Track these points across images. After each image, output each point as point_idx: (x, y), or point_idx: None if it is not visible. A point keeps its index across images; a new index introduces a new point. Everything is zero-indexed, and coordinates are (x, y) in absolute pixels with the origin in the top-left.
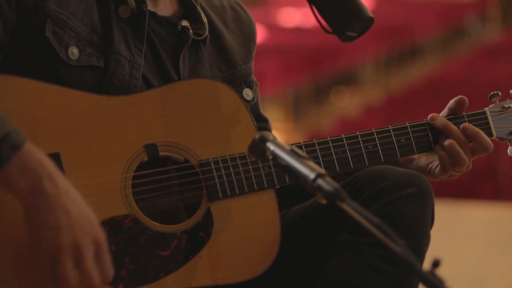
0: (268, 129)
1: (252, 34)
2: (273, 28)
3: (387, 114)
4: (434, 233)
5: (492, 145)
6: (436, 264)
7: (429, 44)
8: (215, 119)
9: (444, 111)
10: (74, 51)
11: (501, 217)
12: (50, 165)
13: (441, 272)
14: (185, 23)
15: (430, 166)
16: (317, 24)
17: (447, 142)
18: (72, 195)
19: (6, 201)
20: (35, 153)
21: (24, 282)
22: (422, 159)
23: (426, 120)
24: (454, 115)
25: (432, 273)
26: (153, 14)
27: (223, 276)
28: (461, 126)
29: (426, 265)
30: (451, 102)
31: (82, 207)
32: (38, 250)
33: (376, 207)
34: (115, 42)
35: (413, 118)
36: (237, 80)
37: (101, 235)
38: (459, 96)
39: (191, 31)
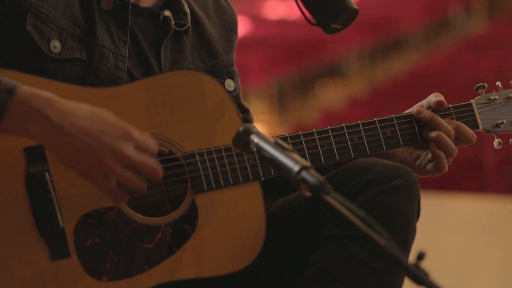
0: (250, 119)
1: (233, 24)
2: (257, 20)
3: (372, 107)
4: (419, 225)
5: (475, 136)
6: (420, 256)
7: (414, 37)
8: (200, 111)
9: (423, 104)
10: (56, 45)
11: (486, 209)
12: (48, 97)
13: (425, 264)
14: (167, 13)
15: (418, 162)
16: (302, 16)
17: (434, 133)
18: (81, 111)
19: None
20: (33, 93)
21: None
22: (405, 155)
23: (412, 112)
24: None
25: (416, 265)
26: (135, 6)
27: (208, 269)
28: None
29: (411, 257)
30: (432, 101)
31: (96, 116)
32: (89, 176)
33: (361, 200)
34: (98, 35)
35: (397, 111)
36: (219, 70)
37: (127, 128)
38: (439, 99)
39: (173, 21)
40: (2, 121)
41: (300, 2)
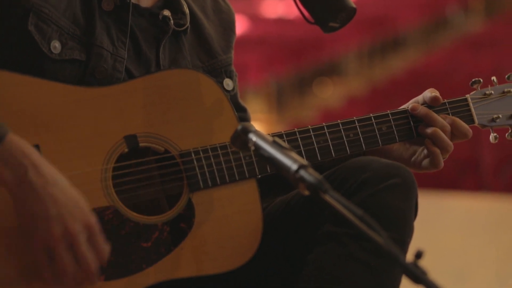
0: (247, 118)
1: (231, 24)
2: (255, 19)
3: (370, 105)
4: (417, 224)
5: (470, 130)
6: (418, 255)
7: (412, 35)
8: (196, 110)
9: (419, 100)
10: (56, 45)
11: (484, 208)
12: (34, 154)
13: (423, 263)
14: (166, 12)
15: (414, 158)
16: (300, 15)
17: (430, 130)
18: (59, 182)
19: None
20: (18, 144)
21: (18, 268)
22: (402, 151)
23: (407, 108)
24: (437, 108)
25: (415, 264)
26: (136, 6)
27: (205, 267)
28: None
29: (409, 256)
30: (427, 97)
31: (70, 193)
32: (31, 241)
33: (359, 198)
34: (97, 35)
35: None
36: (218, 70)
37: (92, 219)
38: (434, 95)
39: (172, 21)
40: None
41: (298, 1)
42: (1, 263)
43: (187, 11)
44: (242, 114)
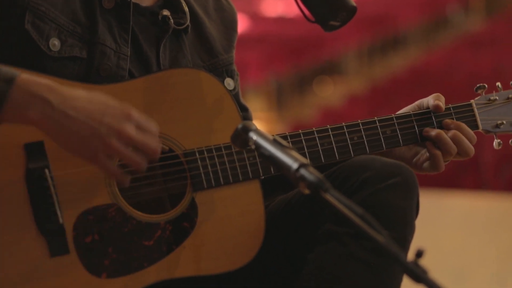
0: (249, 118)
1: (233, 23)
2: (256, 17)
3: (370, 104)
4: (416, 223)
5: (475, 137)
6: (419, 254)
7: (412, 34)
8: (200, 109)
9: (423, 102)
10: (55, 43)
11: (484, 207)
12: (47, 83)
13: (424, 262)
14: (166, 12)
15: (415, 159)
16: (300, 14)
17: (434, 132)
18: (81, 95)
19: None
20: (30, 79)
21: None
22: (404, 150)
23: (411, 112)
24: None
25: (415, 263)
26: (136, 6)
27: (207, 267)
28: (443, 122)
29: (409, 255)
30: (430, 104)
31: (96, 99)
32: (95, 161)
33: (360, 197)
34: (99, 33)
35: (396, 108)
36: (219, 69)
37: (127, 109)
38: (436, 103)
39: (172, 20)
40: (2, 111)
41: (298, 0)
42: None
43: (187, 10)
44: (244, 114)
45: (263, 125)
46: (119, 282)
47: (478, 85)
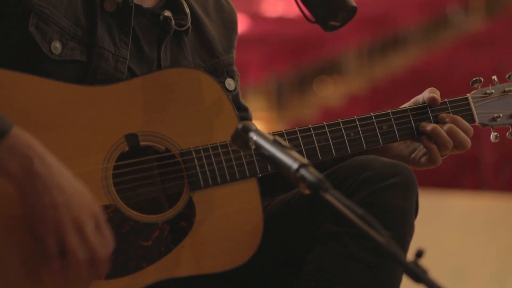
0: (249, 118)
1: (233, 24)
2: (256, 17)
3: (370, 104)
4: (416, 222)
5: (472, 129)
6: (419, 254)
7: (412, 34)
8: (197, 109)
9: (419, 99)
10: (57, 46)
11: (483, 207)
12: (39, 146)
13: (423, 262)
14: (167, 13)
15: (413, 155)
16: (300, 14)
17: (429, 127)
18: (64, 173)
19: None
20: (23, 136)
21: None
22: (402, 148)
23: (408, 107)
24: (439, 107)
25: (415, 263)
26: (138, 7)
27: (206, 266)
28: (438, 117)
29: (409, 255)
30: (426, 97)
31: (75, 184)
32: (40, 230)
33: (359, 197)
34: (98, 36)
35: (397, 107)
36: (219, 70)
37: (98, 208)
38: (431, 95)
39: (173, 21)
40: None
41: (298, 0)
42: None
43: (188, 11)
44: (243, 114)
45: (263, 125)
46: (118, 283)
47: (474, 79)
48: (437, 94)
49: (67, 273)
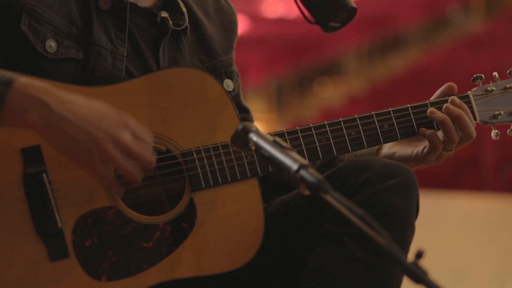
0: (250, 119)
1: (233, 24)
2: (256, 18)
3: (370, 105)
4: (416, 223)
5: (474, 121)
6: (419, 255)
7: (412, 35)
8: (198, 109)
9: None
10: (51, 44)
11: (483, 208)
12: (46, 86)
13: (423, 263)
14: (164, 14)
15: (415, 151)
16: (300, 15)
17: (439, 117)
18: (80, 101)
19: None
20: (31, 83)
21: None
22: (404, 149)
23: (408, 105)
24: (438, 99)
25: (415, 264)
26: (134, 6)
27: (207, 267)
28: (444, 106)
29: (409, 256)
30: (441, 88)
31: (95, 106)
32: (89, 167)
33: (359, 198)
34: (94, 34)
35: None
36: (218, 70)
37: (125, 117)
38: (449, 83)
39: (170, 21)
40: (1, 113)
41: (298, 1)
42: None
43: (184, 10)
44: (245, 115)
45: (263, 126)
46: (119, 285)
47: (475, 76)
48: (455, 88)
49: (126, 182)
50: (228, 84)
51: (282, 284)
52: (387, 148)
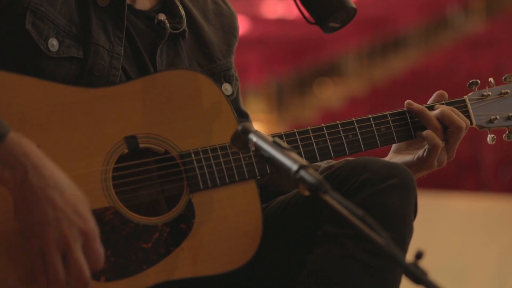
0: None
1: (233, 28)
2: (256, 19)
3: (370, 106)
4: (416, 224)
5: (467, 120)
6: (419, 255)
7: (412, 36)
8: (196, 111)
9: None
10: (54, 43)
11: (483, 208)
12: (36, 154)
13: (423, 263)
14: (162, 17)
15: (416, 156)
16: (300, 15)
17: (438, 110)
18: (60, 185)
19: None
20: (20, 143)
21: (17, 271)
22: (404, 157)
23: (405, 109)
24: (433, 103)
25: (415, 264)
26: (130, 7)
27: (205, 268)
28: (434, 107)
29: (409, 256)
30: (433, 97)
31: (69, 197)
32: (27, 243)
33: (358, 199)
34: (93, 33)
35: (396, 109)
36: (216, 74)
37: (89, 225)
38: (438, 91)
39: (168, 25)
40: None
41: (298, 1)
42: (1, 266)
43: (183, 13)
44: (243, 120)
45: (263, 127)
46: (118, 285)
47: (471, 81)
48: (445, 94)
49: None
50: (227, 88)
51: (281, 284)
52: (388, 158)
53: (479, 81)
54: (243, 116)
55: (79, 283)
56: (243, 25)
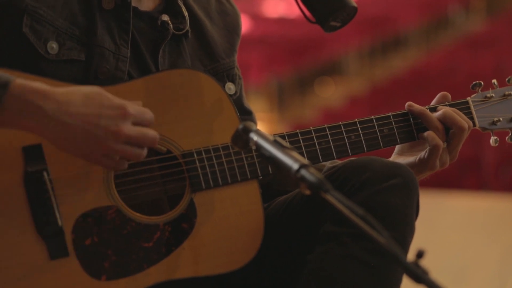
0: (253, 121)
1: (236, 27)
2: (257, 18)
3: (371, 105)
4: (417, 223)
5: (470, 122)
6: (420, 255)
7: (413, 35)
8: (198, 110)
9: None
10: (53, 46)
11: (484, 207)
12: (41, 89)
13: (424, 262)
14: (165, 17)
15: (418, 157)
16: (301, 15)
17: (441, 111)
18: (76, 99)
19: None
20: (25, 85)
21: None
22: (407, 158)
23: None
24: (436, 105)
25: (416, 264)
26: (135, 9)
27: (206, 268)
28: (436, 109)
29: (410, 255)
30: (436, 98)
31: (90, 101)
32: (93, 161)
33: (360, 198)
34: (98, 35)
35: (396, 109)
36: (220, 74)
37: (122, 106)
38: (442, 93)
39: (171, 25)
40: None
41: (299, 0)
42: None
43: (186, 14)
44: (247, 117)
45: (264, 126)
46: (119, 284)
47: (474, 83)
48: (448, 95)
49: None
50: (230, 87)
51: (282, 283)
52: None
53: (482, 83)
54: (247, 114)
55: (148, 142)
56: (244, 25)
